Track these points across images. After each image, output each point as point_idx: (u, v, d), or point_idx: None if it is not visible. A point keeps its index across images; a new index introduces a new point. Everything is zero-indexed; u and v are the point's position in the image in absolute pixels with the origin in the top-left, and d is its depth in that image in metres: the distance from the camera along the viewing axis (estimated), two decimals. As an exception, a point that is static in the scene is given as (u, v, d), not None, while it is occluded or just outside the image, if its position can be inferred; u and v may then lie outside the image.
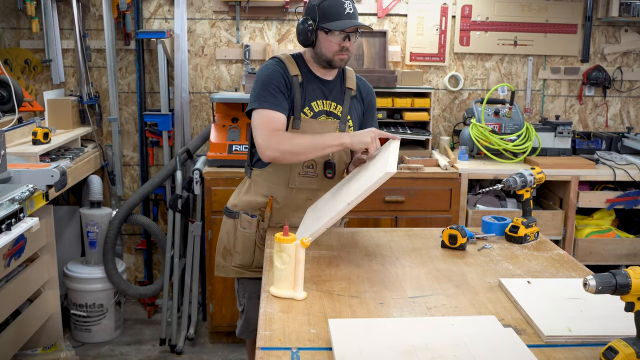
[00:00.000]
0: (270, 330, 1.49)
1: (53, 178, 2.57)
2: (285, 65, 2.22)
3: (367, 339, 1.43)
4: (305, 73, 2.25)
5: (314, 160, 2.25)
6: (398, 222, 3.24)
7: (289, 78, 2.20)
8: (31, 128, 3.15)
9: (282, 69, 2.20)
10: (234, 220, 2.36)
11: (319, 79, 2.27)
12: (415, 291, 1.76)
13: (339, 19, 2.14)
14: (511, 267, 1.96)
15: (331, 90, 2.29)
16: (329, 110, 2.27)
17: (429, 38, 3.78)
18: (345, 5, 2.15)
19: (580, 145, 3.68)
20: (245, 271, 2.38)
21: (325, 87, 2.28)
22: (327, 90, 2.28)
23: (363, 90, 2.39)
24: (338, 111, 2.29)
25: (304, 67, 2.26)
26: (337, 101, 2.29)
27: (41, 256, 2.91)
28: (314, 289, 1.75)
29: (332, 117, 2.28)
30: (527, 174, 2.22)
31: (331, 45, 2.17)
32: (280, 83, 2.17)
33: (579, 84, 3.93)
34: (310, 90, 2.24)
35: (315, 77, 2.27)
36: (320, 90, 2.26)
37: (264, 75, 2.19)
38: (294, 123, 2.19)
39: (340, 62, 2.21)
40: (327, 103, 2.27)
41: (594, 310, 1.59)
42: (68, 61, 3.70)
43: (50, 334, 3.01)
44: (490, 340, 1.44)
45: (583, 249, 3.40)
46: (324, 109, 2.26)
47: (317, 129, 2.21)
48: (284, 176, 2.27)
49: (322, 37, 2.17)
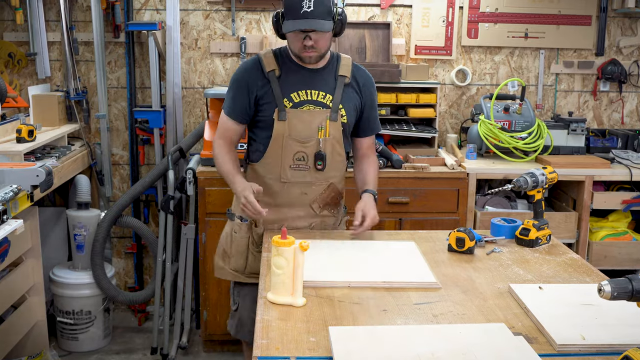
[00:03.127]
0: (267, 339, 1.49)
1: (38, 178, 2.57)
2: (261, 62, 2.30)
3: (370, 347, 1.43)
4: (287, 64, 2.32)
5: (305, 152, 2.32)
6: (402, 225, 3.24)
7: (261, 76, 2.29)
8: (15, 125, 3.15)
9: (254, 68, 2.30)
10: (232, 222, 2.45)
11: (304, 68, 2.32)
12: (421, 297, 1.76)
13: (294, 18, 2.15)
14: (522, 272, 1.97)
15: (319, 79, 2.33)
16: (316, 100, 2.31)
17: (435, 30, 3.78)
18: (304, 2, 2.13)
19: (594, 143, 3.68)
20: (240, 275, 2.44)
21: (311, 77, 2.32)
22: (312, 80, 2.32)
23: (360, 80, 2.40)
24: (328, 100, 2.32)
25: (285, 59, 2.33)
26: (327, 90, 2.33)
27: (26, 260, 2.91)
28: (313, 295, 1.75)
29: (320, 107, 2.31)
30: (538, 174, 2.22)
31: (294, 42, 2.24)
32: (245, 86, 2.29)
33: (594, 79, 3.93)
34: (290, 81, 2.30)
35: (300, 68, 2.32)
36: (303, 80, 2.31)
37: (235, 76, 2.35)
38: (279, 115, 2.28)
39: (308, 59, 2.26)
40: (311, 93, 2.31)
41: (609, 317, 1.59)
42: (54, 54, 3.70)
43: (36, 343, 3.01)
44: (499, 349, 1.44)
45: (597, 252, 3.40)
46: (307, 99, 2.31)
47: (306, 118, 2.30)
48: (276, 170, 2.34)
49: (287, 33, 2.24)
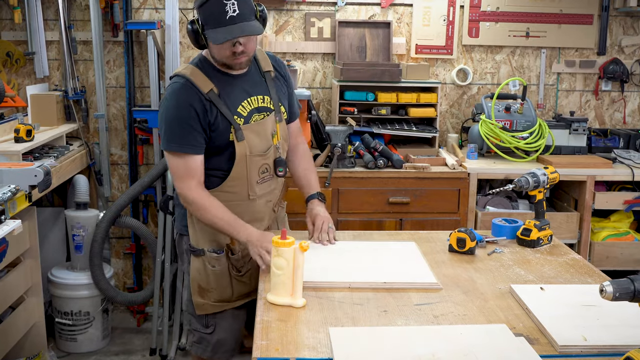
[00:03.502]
0: (267, 340, 1.49)
1: (36, 178, 2.57)
2: (194, 85, 2.09)
3: (370, 349, 1.43)
4: (217, 78, 2.14)
5: (267, 163, 2.22)
6: (403, 225, 3.24)
7: (202, 100, 2.09)
8: (13, 125, 3.15)
9: (191, 94, 2.08)
10: (201, 258, 2.23)
11: (232, 77, 2.17)
12: (421, 298, 1.76)
13: (219, 26, 2.00)
14: (523, 272, 1.97)
15: (251, 83, 2.21)
16: (259, 107, 2.20)
17: (436, 29, 3.78)
18: (227, 7, 1.98)
19: (596, 143, 3.68)
20: (227, 304, 2.27)
21: (243, 83, 2.19)
22: (247, 86, 2.19)
23: (280, 69, 2.32)
24: (268, 102, 2.23)
25: (212, 71, 2.15)
26: (263, 92, 2.22)
27: (24, 261, 2.90)
28: (313, 296, 1.75)
29: (265, 113, 2.21)
30: (540, 174, 2.22)
31: (221, 51, 2.08)
32: (192, 116, 2.07)
33: (595, 78, 3.94)
34: (230, 96, 2.15)
35: (229, 77, 2.17)
36: (239, 89, 2.17)
37: (175, 108, 2.09)
38: (236, 135, 2.12)
39: (240, 66, 2.14)
40: (253, 100, 2.19)
41: (611, 318, 1.59)
42: (52, 54, 3.70)
43: (34, 344, 3.01)
44: (501, 350, 1.44)
45: (599, 253, 3.40)
46: (252, 108, 2.18)
47: (260, 131, 2.18)
48: (242, 190, 2.21)
49: (210, 42, 2.06)
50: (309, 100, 3.30)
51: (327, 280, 1.84)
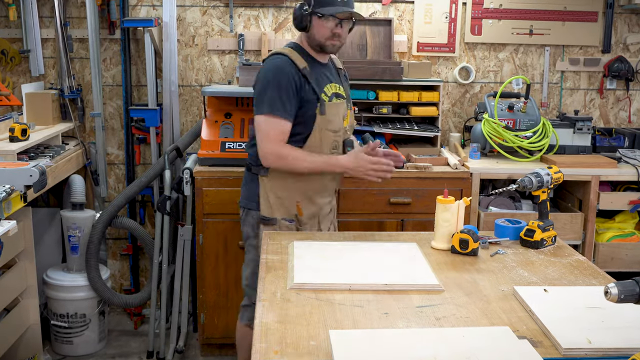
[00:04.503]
0: (266, 342, 1.49)
1: (32, 178, 2.57)
2: (292, 60, 2.44)
3: (371, 351, 1.43)
4: (309, 61, 2.50)
5: (337, 141, 2.54)
6: (404, 226, 3.24)
7: (299, 73, 2.44)
8: (8, 124, 3.15)
9: (289, 66, 2.43)
10: (273, 227, 2.51)
11: (320, 63, 2.56)
12: (423, 300, 1.76)
13: (333, 5, 2.41)
14: (526, 274, 1.97)
15: (331, 72, 2.61)
16: (337, 92, 2.57)
17: (438, 27, 3.78)
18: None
19: (601, 142, 3.68)
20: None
21: (327, 71, 2.58)
22: (329, 74, 2.58)
23: (345, 71, 2.76)
24: (342, 91, 2.61)
25: (305, 55, 2.51)
26: (338, 82, 2.61)
27: (19, 262, 2.90)
28: (313, 298, 1.75)
29: (340, 99, 2.58)
30: (543, 174, 2.22)
31: (324, 30, 2.44)
32: (291, 86, 2.41)
33: (600, 77, 3.93)
34: (318, 77, 2.51)
35: (317, 63, 2.55)
36: (324, 75, 2.55)
37: (277, 77, 2.42)
38: (320, 109, 2.46)
39: (331, 48, 2.49)
40: (333, 86, 2.57)
41: (615, 320, 1.59)
42: (48, 52, 3.70)
43: (29, 346, 3.01)
44: (504, 353, 1.44)
45: (604, 254, 3.40)
46: (333, 92, 2.55)
47: (337, 111, 2.53)
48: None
49: (315, 22, 2.44)
50: (308, 98, 3.31)
51: (327, 282, 1.84)
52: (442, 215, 2.16)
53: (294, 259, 2.00)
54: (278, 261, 2.03)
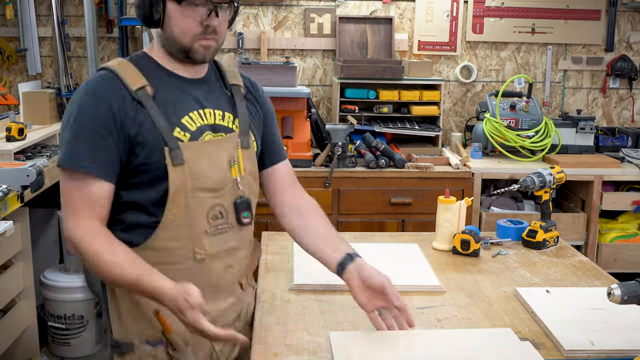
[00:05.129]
0: (264, 344, 1.49)
1: (29, 178, 2.56)
2: (120, 77, 1.49)
3: (371, 353, 1.43)
4: (159, 77, 1.54)
5: (222, 205, 1.56)
6: (405, 226, 3.24)
7: (127, 98, 1.47)
8: (5, 123, 3.15)
9: (111, 89, 1.48)
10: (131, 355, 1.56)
11: (183, 80, 1.57)
12: (424, 301, 1.76)
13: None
14: (529, 275, 1.97)
15: (207, 93, 1.60)
16: (216, 124, 1.57)
17: (439, 25, 3.78)
18: None
19: (604, 142, 3.68)
20: None
21: (197, 91, 1.58)
22: (201, 95, 1.58)
23: (252, 88, 1.72)
24: (229, 122, 1.60)
25: (153, 69, 1.55)
26: (224, 107, 1.61)
27: (16, 263, 2.90)
28: (313, 299, 1.75)
29: (223, 133, 1.58)
30: (546, 174, 2.22)
31: (189, 24, 1.48)
32: (103, 119, 1.45)
33: (603, 75, 3.93)
34: (174, 101, 1.53)
35: (177, 79, 1.56)
36: (189, 97, 1.56)
37: (84, 108, 1.47)
38: (172, 158, 1.47)
39: (203, 52, 1.52)
40: (208, 114, 1.57)
41: (618, 322, 1.59)
42: (45, 50, 3.70)
43: (26, 348, 3.01)
44: (505, 354, 1.44)
45: (607, 255, 3.40)
46: (205, 123, 1.56)
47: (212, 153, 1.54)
48: (185, 244, 1.52)
49: (173, 11, 1.48)
50: (308, 98, 3.30)
51: (327, 283, 1.84)
52: (444, 216, 2.15)
53: (293, 260, 2.00)
54: (278, 262, 2.03)
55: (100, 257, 1.45)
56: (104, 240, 1.47)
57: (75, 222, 1.49)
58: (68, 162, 1.46)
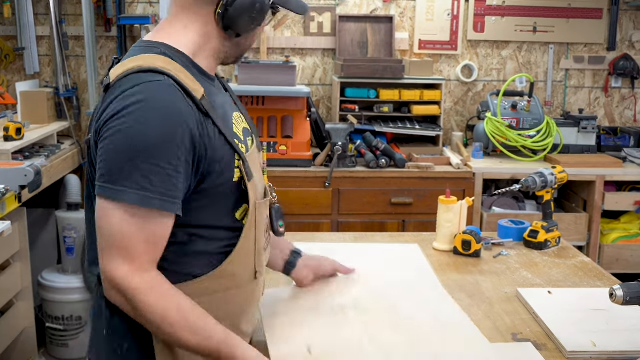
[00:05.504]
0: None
1: (27, 178, 2.56)
2: (182, 85, 1.23)
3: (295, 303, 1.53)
4: (200, 78, 1.30)
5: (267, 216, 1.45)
6: (406, 226, 3.24)
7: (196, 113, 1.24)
8: (2, 123, 3.15)
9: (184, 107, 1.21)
10: None
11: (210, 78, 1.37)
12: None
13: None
14: (530, 275, 1.96)
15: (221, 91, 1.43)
16: (244, 127, 1.43)
17: (440, 24, 3.78)
18: None
19: (606, 141, 3.68)
20: None
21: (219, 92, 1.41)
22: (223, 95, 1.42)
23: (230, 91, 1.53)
24: (248, 123, 1.47)
25: (190, 67, 1.30)
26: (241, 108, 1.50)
27: (13, 264, 2.90)
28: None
29: (251, 137, 1.44)
30: (547, 174, 2.22)
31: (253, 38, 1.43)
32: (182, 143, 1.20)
33: (605, 75, 3.93)
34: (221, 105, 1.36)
35: (208, 79, 1.35)
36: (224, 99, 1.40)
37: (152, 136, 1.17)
38: (245, 170, 1.31)
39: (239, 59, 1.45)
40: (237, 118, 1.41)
41: (621, 323, 1.58)
42: (43, 49, 3.70)
43: (24, 350, 3.01)
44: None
45: (609, 255, 3.40)
46: (243, 127, 1.42)
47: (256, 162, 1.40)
48: (249, 264, 1.38)
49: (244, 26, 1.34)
50: (308, 97, 3.30)
51: None
52: (445, 216, 2.15)
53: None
54: (277, 262, 2.02)
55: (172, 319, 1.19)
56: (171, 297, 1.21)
57: (130, 268, 1.18)
58: (134, 199, 1.16)
